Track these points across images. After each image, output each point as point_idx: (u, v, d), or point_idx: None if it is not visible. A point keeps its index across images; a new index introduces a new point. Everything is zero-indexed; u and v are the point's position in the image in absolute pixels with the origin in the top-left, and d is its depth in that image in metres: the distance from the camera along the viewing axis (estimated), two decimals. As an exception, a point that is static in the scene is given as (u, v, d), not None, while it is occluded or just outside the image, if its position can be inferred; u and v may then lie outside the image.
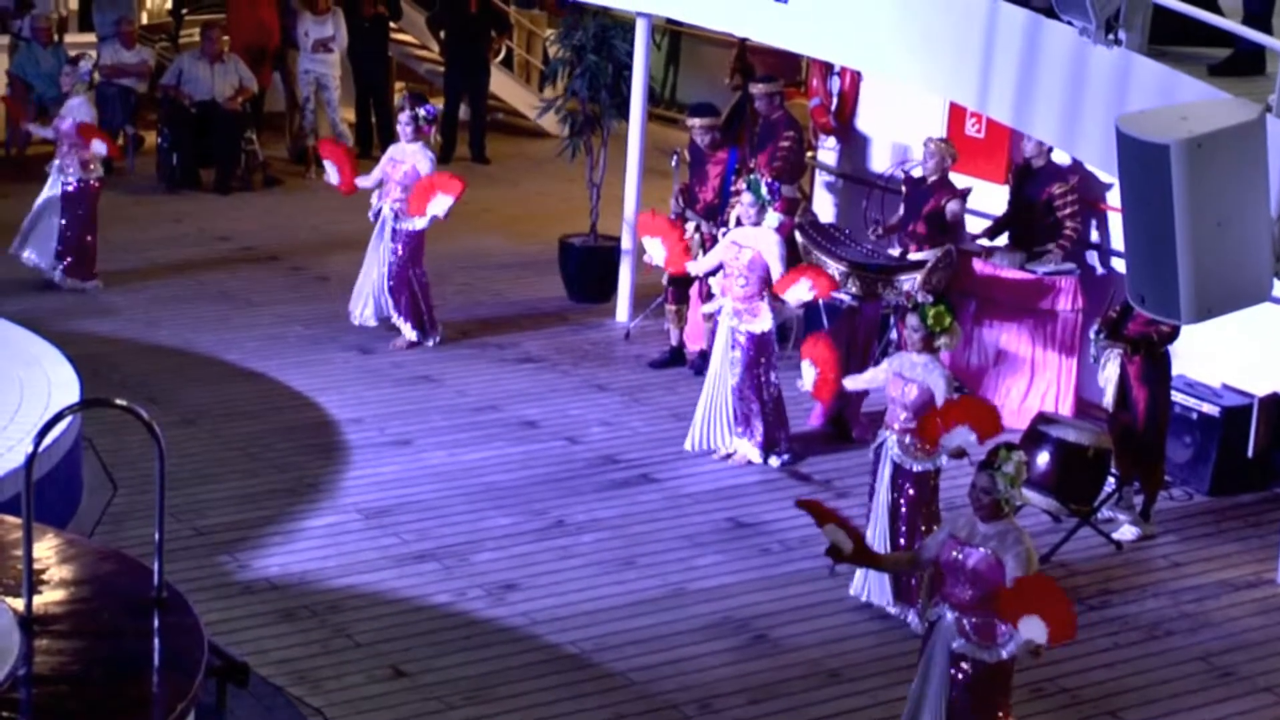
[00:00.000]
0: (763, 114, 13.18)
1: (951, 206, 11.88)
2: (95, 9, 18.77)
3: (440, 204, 12.51)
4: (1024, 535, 7.37)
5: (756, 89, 13.28)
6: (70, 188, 13.52)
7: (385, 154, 13.05)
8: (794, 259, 12.77)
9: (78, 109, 13.56)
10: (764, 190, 10.94)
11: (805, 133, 13.73)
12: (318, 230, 15.66)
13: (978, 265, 12.01)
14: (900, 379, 9.20)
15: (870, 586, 9.24)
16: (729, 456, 11.11)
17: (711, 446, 11.12)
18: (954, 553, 7.41)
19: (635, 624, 9.05)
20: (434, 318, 12.97)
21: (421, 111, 12.71)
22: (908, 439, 9.13)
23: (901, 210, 12.25)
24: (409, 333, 12.81)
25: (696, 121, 12.93)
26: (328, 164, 13.06)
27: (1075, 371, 11.78)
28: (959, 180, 12.15)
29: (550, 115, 15.01)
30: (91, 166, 13.57)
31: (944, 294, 11.13)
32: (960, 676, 7.41)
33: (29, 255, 13.74)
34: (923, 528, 8.99)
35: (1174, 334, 10.05)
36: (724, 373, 11.00)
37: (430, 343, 12.90)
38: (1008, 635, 7.28)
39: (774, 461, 11.04)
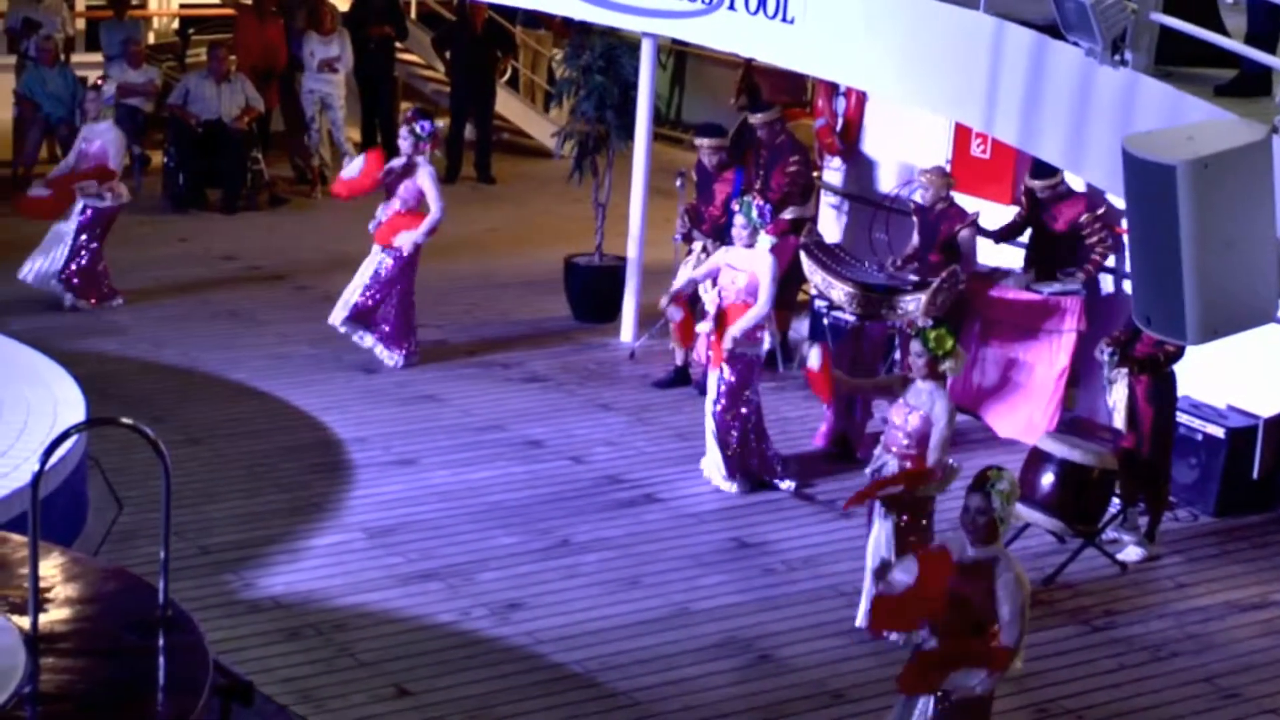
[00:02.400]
0: (765, 142, 13.17)
1: (963, 236, 11.90)
2: (102, 29, 18.83)
3: (405, 238, 12.54)
4: (1014, 561, 7.29)
5: (755, 119, 13.26)
6: (89, 212, 13.56)
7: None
8: (793, 277, 12.82)
9: (105, 133, 13.61)
10: (754, 213, 10.93)
11: (811, 153, 13.74)
12: (323, 249, 15.67)
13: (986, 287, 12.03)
14: (904, 405, 9.16)
15: None
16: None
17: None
18: None
19: (639, 644, 9.04)
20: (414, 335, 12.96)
21: (417, 127, 12.67)
22: (907, 464, 9.11)
23: (916, 238, 12.25)
24: (385, 355, 12.78)
25: (705, 142, 12.95)
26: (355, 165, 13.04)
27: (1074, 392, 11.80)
28: (965, 201, 12.17)
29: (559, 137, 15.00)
30: (116, 191, 13.65)
31: (948, 316, 11.15)
32: (943, 704, 7.34)
33: (27, 274, 13.76)
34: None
35: (1179, 353, 10.05)
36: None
37: (399, 357, 12.83)
38: None
39: (730, 486, 10.99)
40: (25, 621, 6.07)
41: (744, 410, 10.91)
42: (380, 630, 9.03)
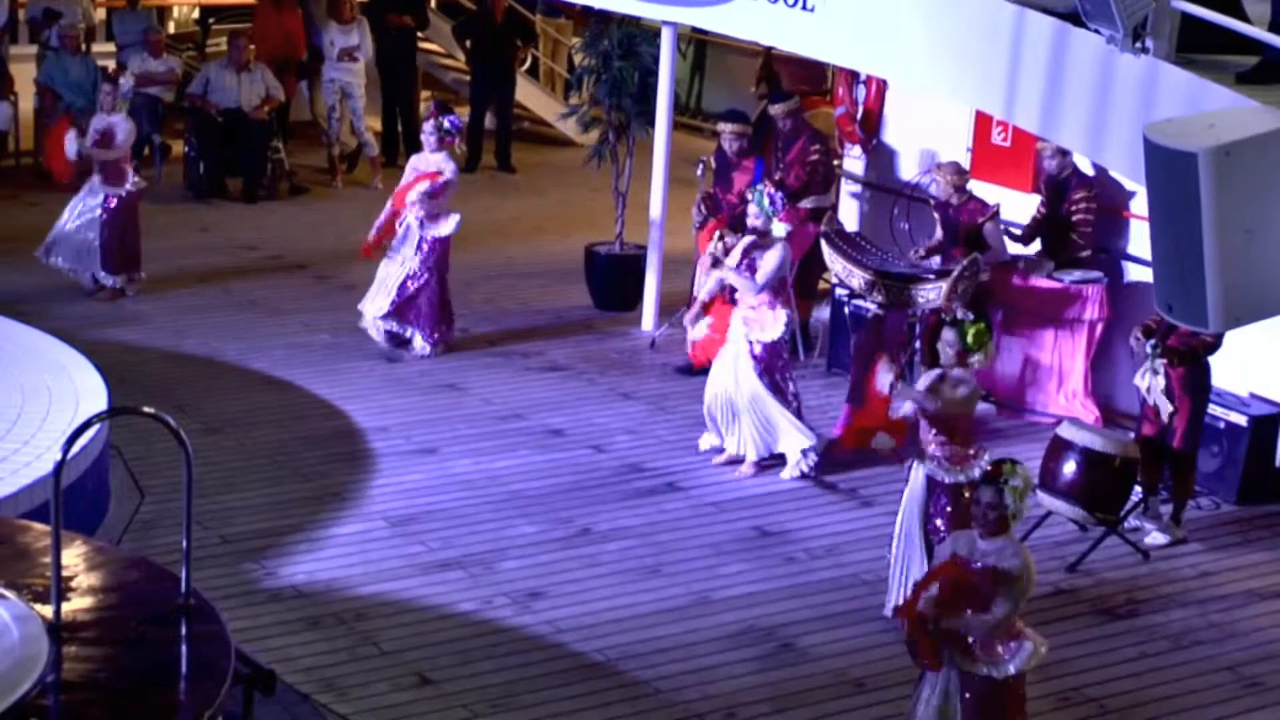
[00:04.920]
0: (785, 132, 13.16)
1: (988, 229, 11.88)
2: (116, 19, 18.88)
3: (417, 192, 12.60)
4: (1022, 549, 7.29)
5: (775, 110, 13.24)
6: (113, 201, 13.61)
7: (409, 164, 13.07)
8: (813, 265, 12.80)
9: (118, 123, 13.64)
10: (766, 201, 10.92)
11: (831, 141, 13.72)
12: (344, 239, 15.67)
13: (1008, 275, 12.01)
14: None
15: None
16: (734, 463, 11.08)
17: (722, 446, 11.14)
18: None
19: (660, 632, 9.05)
20: (451, 316, 13.00)
21: (445, 122, 12.70)
22: (938, 451, 9.08)
23: (939, 231, 12.23)
24: (419, 343, 12.81)
25: (728, 127, 12.94)
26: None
27: (1100, 379, 11.78)
28: (986, 190, 12.14)
29: (574, 123, 14.99)
30: (135, 178, 13.71)
31: (971, 305, 11.12)
32: (969, 694, 7.34)
33: (59, 261, 13.82)
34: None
35: (1217, 343, 9.98)
36: (733, 380, 10.98)
37: (453, 335, 13.01)
38: (1013, 650, 7.22)
39: (792, 472, 10.96)
40: (48, 610, 6.10)
41: (780, 388, 10.93)
42: (402, 619, 9.05)
